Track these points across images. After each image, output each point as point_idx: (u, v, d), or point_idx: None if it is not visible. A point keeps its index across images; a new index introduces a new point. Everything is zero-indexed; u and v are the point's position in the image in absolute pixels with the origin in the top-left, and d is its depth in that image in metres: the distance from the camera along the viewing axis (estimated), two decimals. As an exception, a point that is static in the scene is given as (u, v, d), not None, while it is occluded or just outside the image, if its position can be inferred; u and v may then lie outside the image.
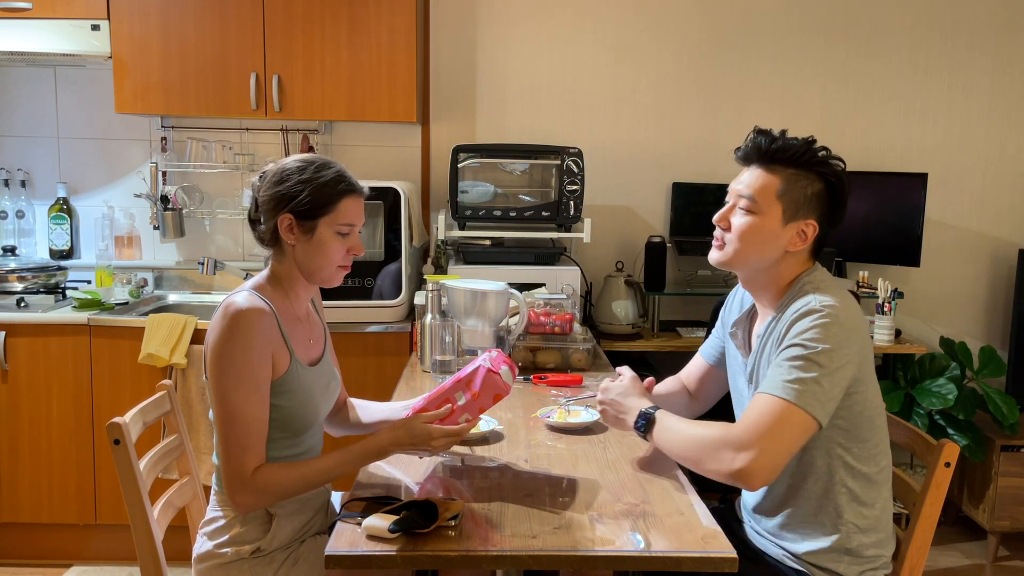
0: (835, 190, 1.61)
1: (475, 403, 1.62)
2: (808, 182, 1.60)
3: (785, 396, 1.47)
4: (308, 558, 1.67)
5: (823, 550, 1.60)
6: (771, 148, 1.61)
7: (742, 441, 1.46)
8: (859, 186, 3.38)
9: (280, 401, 1.62)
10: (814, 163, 1.60)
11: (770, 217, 1.60)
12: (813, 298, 1.56)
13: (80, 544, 3.04)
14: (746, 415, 1.51)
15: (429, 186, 3.49)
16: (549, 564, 1.32)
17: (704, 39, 3.47)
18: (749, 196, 1.62)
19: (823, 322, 1.51)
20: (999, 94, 3.51)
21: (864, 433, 1.59)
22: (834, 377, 1.49)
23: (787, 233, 1.61)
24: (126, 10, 3.00)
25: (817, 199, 1.60)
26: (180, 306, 3.32)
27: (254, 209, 1.69)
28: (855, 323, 1.54)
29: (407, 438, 1.57)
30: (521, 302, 2.40)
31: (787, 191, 1.59)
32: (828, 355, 1.49)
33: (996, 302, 3.61)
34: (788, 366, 1.50)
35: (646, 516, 1.45)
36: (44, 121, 3.41)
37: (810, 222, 1.61)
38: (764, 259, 1.63)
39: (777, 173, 1.60)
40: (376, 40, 3.05)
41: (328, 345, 1.84)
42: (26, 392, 2.91)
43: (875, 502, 1.61)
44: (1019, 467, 3.13)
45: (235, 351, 1.54)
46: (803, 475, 1.61)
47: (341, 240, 1.67)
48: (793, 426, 1.46)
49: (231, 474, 1.54)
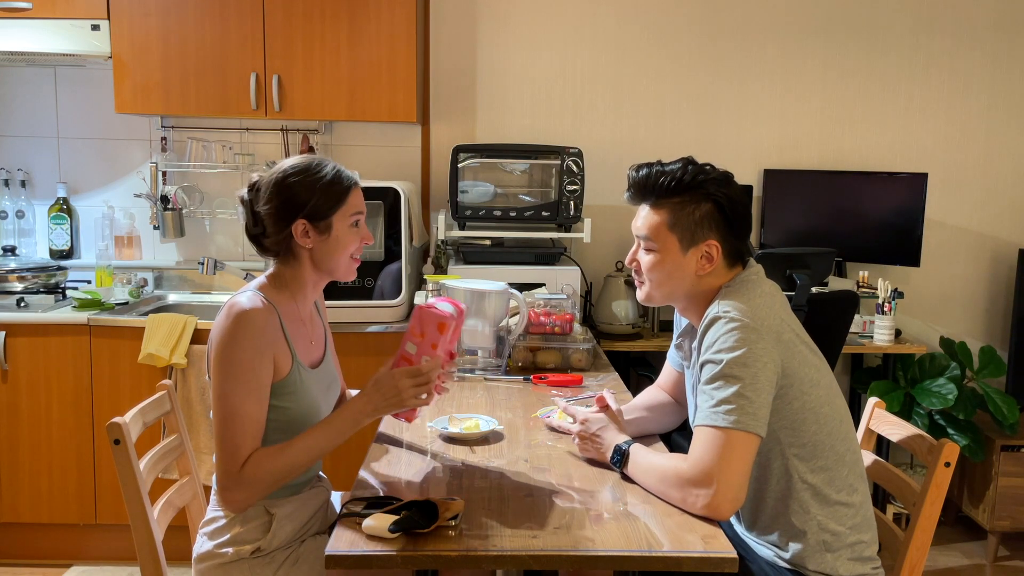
0: (723, 207, 1.62)
1: (424, 342, 1.67)
2: (694, 206, 1.62)
3: (719, 424, 1.48)
4: (308, 558, 1.67)
5: (804, 551, 1.60)
6: (648, 185, 1.65)
7: (696, 479, 1.47)
8: (859, 186, 3.38)
9: (282, 403, 1.63)
10: (693, 187, 1.62)
11: (669, 250, 1.64)
12: (715, 307, 1.58)
13: (80, 544, 3.04)
14: (692, 451, 1.51)
15: (429, 186, 3.49)
16: (549, 564, 1.32)
17: (704, 39, 3.47)
18: (644, 236, 1.67)
19: (727, 328, 1.53)
20: (999, 94, 3.51)
21: (810, 427, 1.59)
22: (757, 384, 1.50)
23: (690, 260, 1.64)
24: (126, 10, 3.00)
25: (709, 219, 1.62)
26: (180, 306, 3.32)
27: (253, 224, 1.68)
28: (761, 321, 1.54)
29: (377, 394, 1.59)
30: (521, 302, 2.40)
31: (677, 222, 1.62)
32: (742, 364, 1.50)
33: (996, 302, 3.61)
34: (710, 390, 1.52)
35: (646, 516, 1.45)
36: (44, 121, 3.40)
37: (710, 243, 1.63)
38: (680, 288, 1.66)
39: (663, 207, 1.63)
40: (376, 40, 3.05)
41: (329, 347, 1.85)
42: (26, 392, 2.91)
43: (840, 490, 1.61)
44: (1019, 467, 3.13)
45: (236, 351, 1.55)
46: (763, 481, 1.62)
47: (355, 231, 1.71)
48: (737, 449, 1.47)
49: (225, 471, 1.55)
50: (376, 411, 1.61)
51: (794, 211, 3.43)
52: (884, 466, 1.82)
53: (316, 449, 1.59)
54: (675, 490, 1.50)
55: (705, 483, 1.46)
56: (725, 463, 1.46)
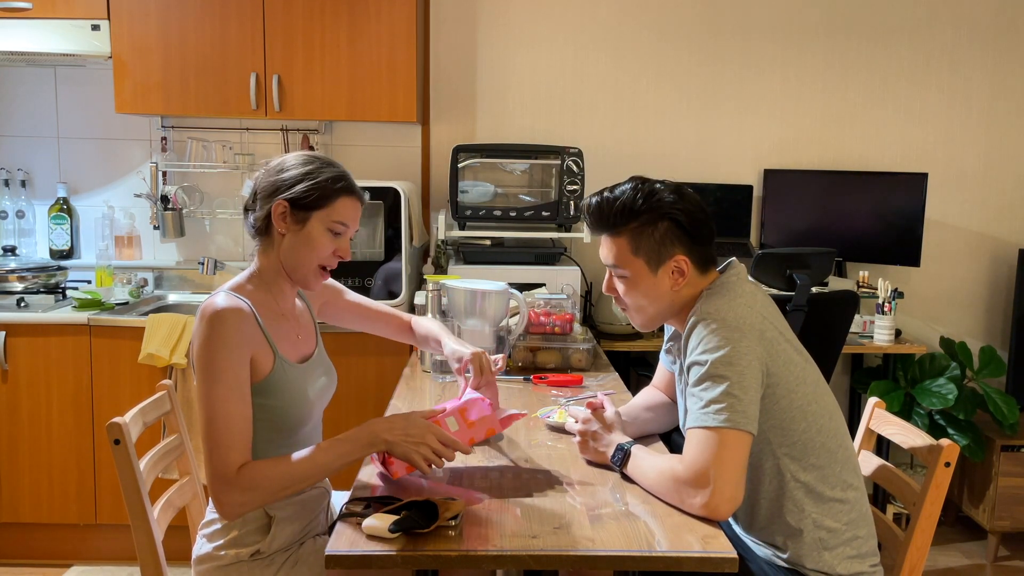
0: (680, 222, 1.62)
1: (468, 431, 1.64)
2: (651, 228, 1.62)
3: (710, 424, 1.48)
4: (307, 560, 1.67)
5: (801, 549, 1.60)
6: (602, 215, 1.64)
7: (692, 480, 1.47)
8: (859, 186, 3.38)
9: (268, 401, 1.61)
10: (645, 210, 1.61)
11: (640, 274, 1.65)
12: (696, 309, 1.59)
13: (80, 544, 3.04)
14: (686, 453, 1.51)
15: (429, 186, 3.49)
16: (549, 564, 1.32)
17: (704, 39, 3.47)
18: (612, 264, 1.68)
19: (710, 328, 1.53)
20: (999, 94, 3.51)
21: (798, 425, 1.59)
22: (744, 382, 1.50)
23: (662, 279, 1.64)
24: (126, 10, 3.00)
25: (670, 236, 1.62)
26: (180, 306, 3.32)
27: (252, 199, 1.69)
28: (742, 319, 1.55)
29: (403, 430, 1.53)
30: (521, 302, 2.40)
31: (639, 246, 1.63)
32: (727, 363, 1.50)
33: (996, 302, 3.61)
34: (698, 392, 1.52)
35: (646, 516, 1.46)
36: (44, 121, 3.41)
37: (677, 258, 1.63)
38: (662, 306, 1.67)
39: (622, 234, 1.64)
40: (376, 40, 3.05)
41: (320, 339, 1.83)
42: (26, 392, 2.91)
43: (833, 487, 1.61)
44: (1019, 467, 3.13)
45: (213, 351, 1.54)
46: (756, 482, 1.62)
47: (331, 238, 1.66)
48: (730, 448, 1.47)
49: (215, 474, 1.51)
50: (392, 443, 1.53)
51: (794, 211, 3.43)
52: (884, 466, 1.81)
53: (325, 465, 1.53)
54: (673, 492, 1.50)
55: (701, 484, 1.46)
56: (719, 463, 1.46)
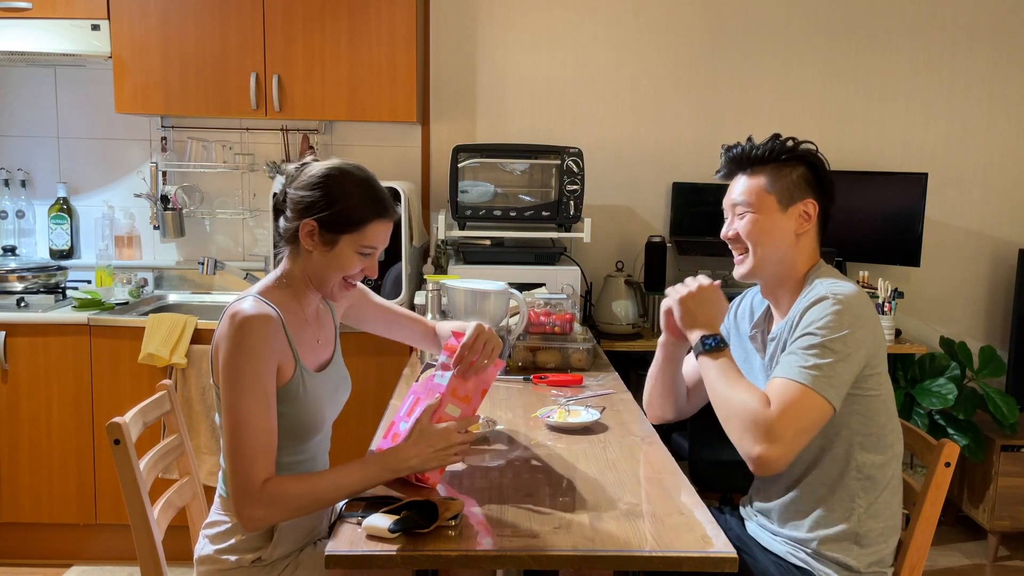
0: (817, 168, 1.71)
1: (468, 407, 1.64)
2: (790, 169, 1.70)
3: (801, 380, 1.51)
4: (307, 565, 1.66)
5: (833, 536, 1.62)
6: (745, 155, 1.72)
7: (767, 430, 1.48)
8: (859, 186, 3.38)
9: (284, 409, 1.59)
10: (787, 151, 1.70)
11: (768, 210, 1.69)
12: (822, 287, 1.61)
13: (80, 544, 3.04)
14: (774, 402, 1.52)
15: (429, 186, 3.48)
16: (549, 564, 1.32)
17: (704, 39, 3.47)
18: (742, 201, 1.71)
19: (835, 309, 1.56)
20: (999, 94, 3.51)
21: (880, 418, 1.63)
22: (848, 362, 1.53)
23: (790, 218, 1.69)
24: (126, 10, 3.00)
25: (805, 180, 1.70)
26: (180, 306, 3.32)
27: (282, 199, 1.65)
28: (864, 309, 1.58)
29: (425, 446, 1.53)
30: (521, 302, 2.40)
31: (775, 182, 1.69)
32: (842, 341, 1.53)
33: (996, 302, 3.61)
34: (803, 353, 1.54)
35: (646, 516, 1.45)
36: (44, 121, 3.40)
37: (808, 201, 1.69)
38: (779, 251, 1.69)
39: (759, 173, 1.71)
40: (376, 40, 3.05)
41: (338, 345, 1.81)
42: (26, 392, 2.91)
43: (885, 487, 1.64)
44: (1019, 467, 3.13)
45: (242, 360, 1.50)
46: (820, 460, 1.64)
47: (360, 259, 1.64)
48: (809, 412, 1.50)
49: (239, 486, 1.48)
50: (423, 463, 1.52)
51: (794, 211, 3.42)
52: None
53: (346, 487, 1.51)
54: (736, 425, 1.53)
55: (772, 438, 1.48)
56: (795, 421, 1.49)
